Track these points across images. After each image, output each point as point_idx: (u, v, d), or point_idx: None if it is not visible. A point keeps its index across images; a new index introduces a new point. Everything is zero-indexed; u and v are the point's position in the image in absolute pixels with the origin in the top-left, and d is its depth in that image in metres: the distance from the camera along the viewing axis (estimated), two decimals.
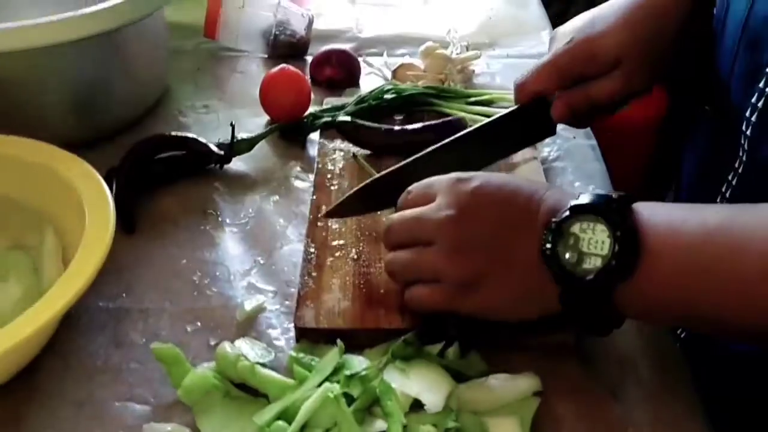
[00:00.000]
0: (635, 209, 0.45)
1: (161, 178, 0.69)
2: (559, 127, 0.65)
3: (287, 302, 0.58)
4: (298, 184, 0.70)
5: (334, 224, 0.62)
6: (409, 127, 0.72)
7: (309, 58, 0.90)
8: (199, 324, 0.56)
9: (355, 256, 0.59)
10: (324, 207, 0.64)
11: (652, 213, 0.44)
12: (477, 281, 0.48)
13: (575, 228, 0.45)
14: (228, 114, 0.81)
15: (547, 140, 0.74)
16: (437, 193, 0.50)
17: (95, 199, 0.56)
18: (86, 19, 0.65)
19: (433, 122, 0.72)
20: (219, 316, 0.57)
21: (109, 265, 0.54)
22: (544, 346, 0.53)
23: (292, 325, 0.54)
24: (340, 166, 0.69)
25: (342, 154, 0.71)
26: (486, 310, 0.49)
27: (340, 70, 0.83)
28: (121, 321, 0.56)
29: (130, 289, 0.59)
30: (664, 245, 0.43)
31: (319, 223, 0.62)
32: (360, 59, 0.88)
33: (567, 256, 0.44)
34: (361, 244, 0.60)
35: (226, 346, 0.52)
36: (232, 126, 0.70)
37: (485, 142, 0.63)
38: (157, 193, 0.69)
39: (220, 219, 0.66)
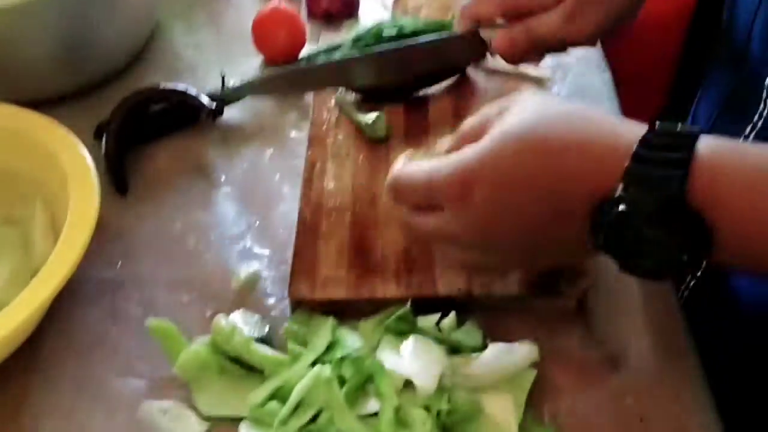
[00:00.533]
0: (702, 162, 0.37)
1: (152, 134, 0.67)
2: (572, 59, 0.61)
3: (283, 267, 0.57)
4: (294, 134, 0.68)
5: (329, 184, 0.60)
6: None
7: None
8: (195, 294, 0.55)
9: (351, 219, 0.57)
10: (319, 163, 0.61)
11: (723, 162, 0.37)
12: (512, 248, 0.44)
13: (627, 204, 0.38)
14: (221, 55, 0.77)
15: (557, 76, 0.70)
16: (441, 198, 0.44)
17: (77, 167, 0.55)
18: None
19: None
20: (215, 285, 0.56)
21: (103, 231, 0.54)
22: (545, 311, 0.52)
23: (287, 292, 0.53)
24: (336, 114, 0.66)
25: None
26: (519, 263, 0.48)
27: (337, 1, 0.78)
28: (117, 292, 0.56)
29: (125, 257, 0.58)
30: (738, 196, 0.36)
31: (313, 184, 0.60)
32: None
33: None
34: (357, 206, 0.58)
35: (221, 319, 0.51)
36: (223, 77, 0.67)
37: (415, 59, 0.64)
38: (148, 148, 0.67)
39: (213, 176, 0.64)
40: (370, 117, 0.63)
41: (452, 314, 0.50)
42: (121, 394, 0.50)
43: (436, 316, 0.50)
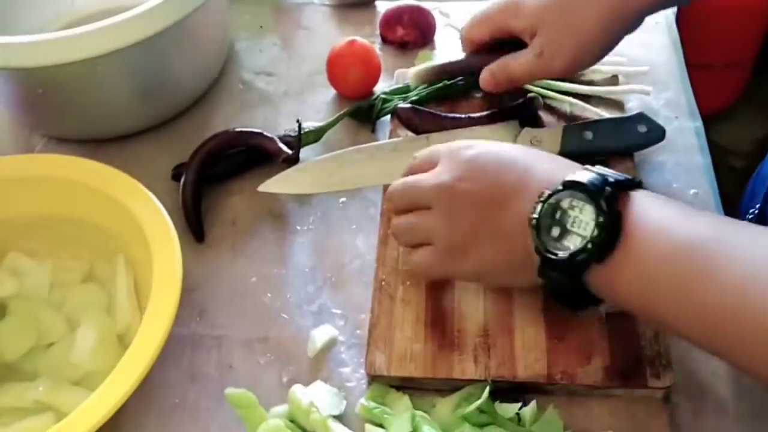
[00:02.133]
0: (631, 198, 0.44)
1: (227, 174, 0.67)
2: (659, 103, 0.62)
3: (358, 331, 0.56)
4: None
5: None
6: (476, 114, 0.65)
7: (379, 4, 0.83)
8: (271, 357, 0.56)
9: (428, 287, 0.56)
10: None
11: (647, 208, 0.43)
12: (466, 244, 0.49)
13: (565, 203, 0.45)
14: (294, 84, 0.76)
15: None
16: (438, 161, 0.52)
17: (157, 228, 0.55)
18: (152, 15, 0.61)
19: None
20: (291, 347, 0.56)
21: (183, 283, 0.54)
22: (629, 401, 0.50)
23: (363, 362, 0.53)
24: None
25: None
26: (474, 275, 0.51)
27: (412, 30, 0.76)
28: (196, 349, 0.57)
29: (203, 313, 0.59)
30: (642, 245, 0.42)
31: (388, 243, 0.59)
32: (435, 8, 0.79)
33: (551, 229, 0.45)
34: None
35: (298, 392, 0.51)
36: (299, 124, 0.66)
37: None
38: (222, 190, 0.67)
39: (287, 223, 0.64)
40: None
41: (533, 404, 0.49)
42: None
43: (516, 406, 0.49)
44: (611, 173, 0.45)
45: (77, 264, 0.58)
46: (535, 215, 0.45)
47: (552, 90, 0.68)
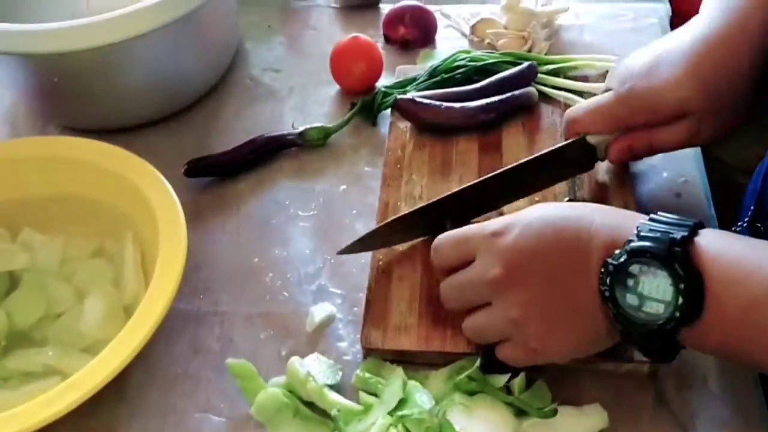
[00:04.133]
0: (699, 249, 0.42)
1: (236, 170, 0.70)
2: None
3: (355, 309, 0.58)
4: (368, 169, 0.69)
5: (400, 225, 0.61)
6: (471, 104, 0.67)
7: (383, 7, 0.86)
8: (271, 332, 0.58)
9: (422, 265, 0.58)
10: (392, 204, 0.63)
11: (718, 254, 0.42)
12: (549, 331, 0.47)
13: (634, 269, 0.43)
14: (300, 80, 0.79)
15: None
16: (474, 252, 0.49)
17: (165, 205, 0.57)
18: (165, 5, 0.63)
19: (497, 99, 0.67)
20: (290, 323, 0.58)
21: (187, 261, 0.56)
22: (615, 374, 0.52)
23: (359, 337, 0.55)
24: (411, 152, 0.67)
25: (413, 136, 0.68)
26: (560, 357, 0.49)
27: (414, 29, 0.79)
28: (199, 325, 0.59)
29: (207, 290, 0.61)
30: (725, 298, 0.41)
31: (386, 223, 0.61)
32: (436, 10, 0.82)
33: (627, 299, 0.43)
34: (429, 251, 0.59)
35: (296, 363, 0.53)
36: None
37: (522, 180, 0.60)
38: (229, 180, 0.69)
39: (290, 210, 0.66)
40: None
41: (522, 376, 0.50)
42: (202, 431, 0.53)
43: (506, 376, 0.50)
44: (673, 223, 0.44)
45: (87, 240, 0.60)
46: (606, 288, 0.44)
47: (547, 85, 0.70)
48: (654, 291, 0.42)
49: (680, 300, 0.41)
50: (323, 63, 0.77)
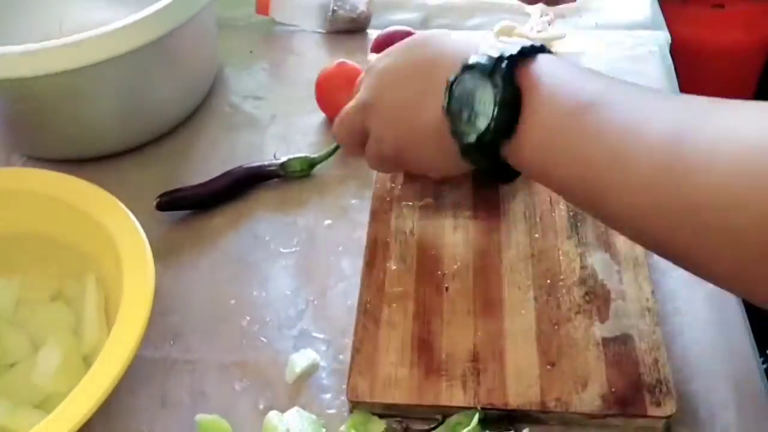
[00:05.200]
0: (527, 67, 0.44)
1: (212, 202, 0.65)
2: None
3: (341, 356, 0.53)
4: (354, 202, 0.64)
5: (392, 265, 0.56)
6: None
7: (371, 32, 0.82)
8: (247, 382, 0.52)
9: (415, 309, 0.53)
10: (380, 241, 0.58)
11: (544, 74, 0.44)
12: (403, 147, 0.52)
13: (469, 84, 0.46)
14: (282, 108, 0.74)
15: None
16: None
17: (132, 244, 0.52)
18: (132, 29, 0.59)
19: None
20: (268, 372, 0.53)
21: (156, 304, 0.51)
22: (627, 427, 0.47)
23: (345, 388, 0.50)
24: (400, 183, 0.62)
25: None
26: (414, 167, 0.55)
27: None
28: (168, 374, 0.53)
29: (177, 336, 0.56)
30: (539, 114, 0.43)
31: (375, 265, 0.56)
32: None
33: (462, 114, 0.46)
34: (422, 292, 0.54)
35: (274, 418, 0.48)
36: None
37: None
38: (205, 212, 0.64)
39: (271, 246, 0.61)
40: None
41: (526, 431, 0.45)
42: None
43: None
44: (513, 44, 0.45)
45: (46, 282, 0.55)
46: (445, 103, 0.47)
47: None
48: (481, 105, 0.44)
49: (496, 111, 0.43)
50: (308, 90, 0.73)
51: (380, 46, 0.75)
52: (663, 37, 0.79)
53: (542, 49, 0.46)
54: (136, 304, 0.49)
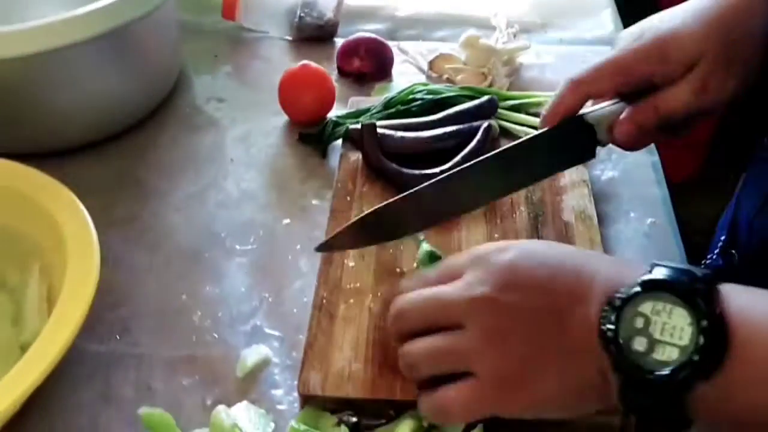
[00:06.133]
0: (723, 294, 0.37)
1: None
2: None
3: (294, 353, 0.52)
4: (315, 202, 0.63)
5: (350, 262, 0.55)
6: (426, 134, 0.63)
7: (338, 41, 0.82)
8: (196, 377, 0.51)
9: (371, 304, 0.52)
10: None
11: (746, 302, 0.37)
12: (522, 373, 0.39)
13: (646, 308, 0.37)
14: (244, 111, 0.74)
15: (602, 154, 0.65)
16: (464, 269, 0.41)
17: (78, 233, 0.50)
18: (91, 17, 0.59)
19: (454, 128, 0.63)
20: (218, 368, 0.51)
21: (103, 298, 0.49)
22: (584, 427, 0.46)
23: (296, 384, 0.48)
24: (362, 185, 0.62)
25: (365, 168, 0.63)
26: (534, 410, 0.40)
27: (369, 61, 0.75)
28: (112, 368, 0.51)
29: (125, 330, 0.54)
30: (758, 344, 0.35)
31: (333, 261, 0.55)
32: (394, 45, 0.79)
33: (634, 342, 0.36)
34: (379, 289, 0.53)
35: (222, 412, 0.46)
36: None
37: (510, 167, 0.54)
38: (162, 205, 0.63)
39: (227, 243, 0.60)
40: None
41: (479, 427, 0.44)
42: None
43: (461, 425, 0.44)
44: (693, 267, 0.38)
45: None
46: (611, 326, 0.37)
47: (509, 121, 0.66)
48: (668, 333, 0.36)
49: (701, 340, 0.35)
50: (271, 94, 0.72)
51: (346, 51, 0.76)
52: None
53: (718, 277, 0.38)
54: (77, 293, 0.47)
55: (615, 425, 0.46)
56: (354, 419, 0.46)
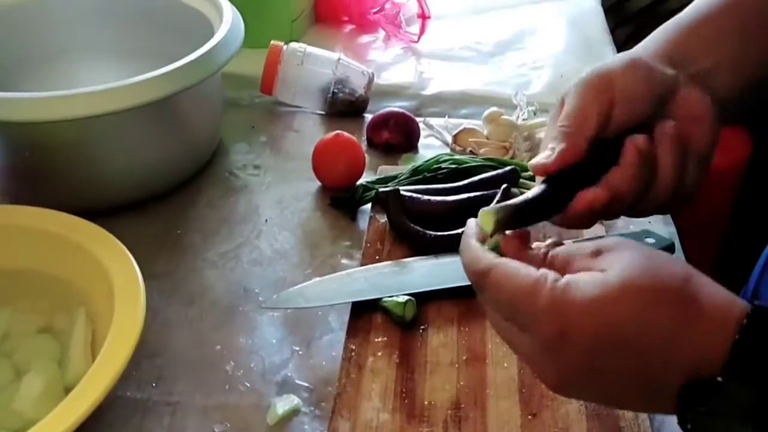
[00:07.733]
0: None
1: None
2: None
3: (323, 404, 0.53)
4: (345, 261, 0.66)
5: (378, 317, 0.57)
6: (451, 198, 0.66)
7: (368, 116, 0.87)
8: (227, 425, 0.52)
9: (398, 357, 0.54)
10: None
11: None
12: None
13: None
14: (278, 177, 0.78)
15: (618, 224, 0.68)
16: (523, 326, 0.37)
17: (126, 283, 0.53)
18: (146, 85, 0.64)
19: (478, 193, 0.66)
20: (249, 416, 0.53)
21: (142, 347, 0.51)
22: None
23: None
24: (390, 245, 0.65)
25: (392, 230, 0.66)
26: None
27: (397, 134, 0.79)
28: (147, 415, 0.53)
29: (161, 379, 0.56)
30: None
31: (362, 316, 0.57)
32: (420, 120, 0.83)
33: None
34: (406, 343, 0.55)
35: None
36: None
37: None
38: (198, 261, 0.66)
39: (260, 298, 0.63)
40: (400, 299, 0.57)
41: None
42: None
43: None
44: None
45: (35, 315, 0.55)
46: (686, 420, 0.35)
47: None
48: None
49: None
50: (305, 163, 0.76)
51: (375, 124, 0.80)
52: None
53: None
54: (122, 339, 0.49)
55: None
56: None
